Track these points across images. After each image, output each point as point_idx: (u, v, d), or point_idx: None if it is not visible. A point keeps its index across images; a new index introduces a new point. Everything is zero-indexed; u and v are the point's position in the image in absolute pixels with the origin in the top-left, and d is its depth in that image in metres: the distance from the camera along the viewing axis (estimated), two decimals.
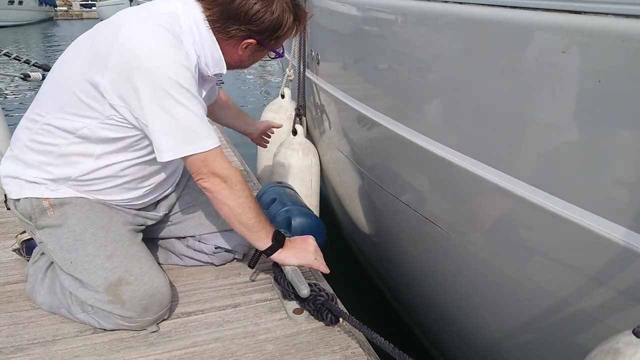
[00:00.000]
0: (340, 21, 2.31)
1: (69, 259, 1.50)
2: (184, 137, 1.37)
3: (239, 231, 1.54)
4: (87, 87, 1.37)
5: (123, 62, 1.32)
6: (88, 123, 1.42)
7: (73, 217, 1.52)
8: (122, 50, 1.32)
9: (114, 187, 1.57)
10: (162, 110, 1.34)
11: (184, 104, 1.34)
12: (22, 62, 3.51)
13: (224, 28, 1.45)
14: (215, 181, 1.44)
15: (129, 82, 1.32)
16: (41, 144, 1.48)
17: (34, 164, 1.51)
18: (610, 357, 0.70)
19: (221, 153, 1.45)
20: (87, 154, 1.48)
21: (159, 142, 1.38)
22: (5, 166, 1.57)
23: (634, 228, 0.95)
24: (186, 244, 1.87)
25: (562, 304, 1.15)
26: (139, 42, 1.32)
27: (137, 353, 1.43)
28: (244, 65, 1.60)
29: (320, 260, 1.65)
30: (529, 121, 1.16)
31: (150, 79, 1.31)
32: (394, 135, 1.73)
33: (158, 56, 1.32)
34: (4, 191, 1.58)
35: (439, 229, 1.57)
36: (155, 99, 1.32)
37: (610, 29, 0.96)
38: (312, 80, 2.85)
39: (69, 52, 1.47)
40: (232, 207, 1.47)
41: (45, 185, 1.52)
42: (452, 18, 1.41)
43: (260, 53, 1.56)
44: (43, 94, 1.50)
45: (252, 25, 1.44)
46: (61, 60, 1.49)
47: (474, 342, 1.59)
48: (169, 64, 1.33)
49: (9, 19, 24.09)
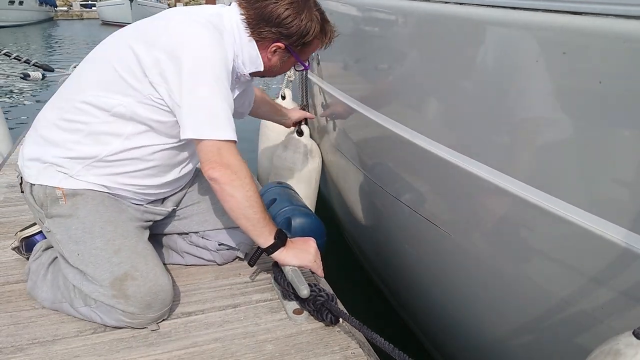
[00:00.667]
0: (340, 21, 2.31)
1: (76, 251, 1.51)
2: (209, 121, 1.45)
3: (243, 226, 1.55)
4: (130, 65, 1.47)
5: (172, 46, 1.43)
6: (124, 101, 1.50)
7: (84, 208, 1.54)
8: (172, 35, 1.46)
9: (137, 172, 1.61)
10: (197, 93, 1.44)
11: (217, 94, 1.45)
12: (22, 61, 3.52)
13: (257, 29, 1.59)
14: (225, 172, 1.47)
15: (173, 63, 1.42)
16: (71, 122, 1.54)
17: (59, 142, 1.54)
18: (610, 358, 0.70)
19: (236, 148, 1.51)
20: (117, 134, 1.54)
21: (185, 120, 1.46)
22: (27, 148, 1.61)
23: (634, 229, 0.95)
24: (189, 241, 1.88)
25: (562, 304, 1.15)
26: (189, 33, 1.46)
27: (137, 353, 1.43)
28: (272, 72, 1.72)
29: (318, 263, 1.67)
30: (529, 122, 1.16)
31: (193, 65, 1.42)
32: (394, 136, 1.73)
33: (204, 47, 1.45)
34: (22, 174, 1.60)
35: (439, 229, 1.57)
36: (194, 83, 1.43)
37: (611, 30, 0.96)
38: (313, 81, 2.85)
39: (111, 38, 1.60)
40: (239, 200, 1.49)
41: (63, 173, 1.54)
42: (452, 19, 1.41)
43: (287, 60, 1.69)
44: (78, 75, 1.61)
45: (282, 29, 1.58)
46: (100, 46, 1.61)
47: (474, 342, 1.59)
48: (213, 56, 1.45)
49: (9, 19, 24.12)
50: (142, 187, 1.65)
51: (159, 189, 1.72)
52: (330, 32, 1.70)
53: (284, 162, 2.86)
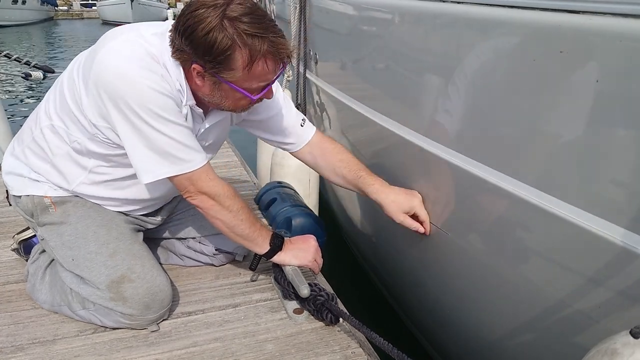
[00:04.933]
0: (337, 20, 2.31)
1: (70, 256, 1.51)
2: (163, 160, 1.36)
3: (235, 241, 1.57)
4: (76, 99, 1.39)
5: (97, 85, 1.30)
6: (78, 137, 1.44)
7: (75, 214, 1.54)
8: (97, 73, 1.29)
9: (112, 199, 1.58)
10: (136, 134, 1.32)
11: (158, 129, 1.32)
12: (23, 63, 3.52)
13: (174, 45, 1.30)
14: (203, 199, 1.45)
15: (105, 105, 1.31)
16: (40, 149, 1.51)
17: (34, 166, 1.54)
18: (607, 357, 0.70)
19: (207, 170, 1.43)
20: (82, 166, 1.50)
21: (137, 164, 1.38)
22: (8, 162, 1.59)
23: (632, 228, 0.95)
24: (187, 245, 1.87)
25: (560, 304, 1.15)
26: (111, 66, 1.28)
27: (137, 353, 1.43)
28: (215, 103, 1.40)
29: (319, 261, 1.68)
30: (526, 121, 1.16)
31: (121, 104, 1.28)
32: (391, 135, 1.73)
33: (128, 81, 1.27)
34: (7, 187, 1.59)
35: (436, 228, 1.57)
36: (128, 123, 1.31)
37: (609, 28, 0.96)
38: (310, 80, 2.85)
39: (74, 62, 1.47)
40: (224, 221, 1.49)
41: (48, 185, 1.54)
42: (450, 17, 1.41)
43: (222, 88, 1.33)
44: (48, 97, 1.53)
45: (187, 41, 1.25)
46: (67, 70, 1.49)
47: (472, 341, 1.59)
48: (139, 88, 1.27)
49: (12, 19, 24.22)
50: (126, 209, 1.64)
51: (144, 210, 1.70)
52: (273, 49, 1.27)
53: (281, 160, 2.87)
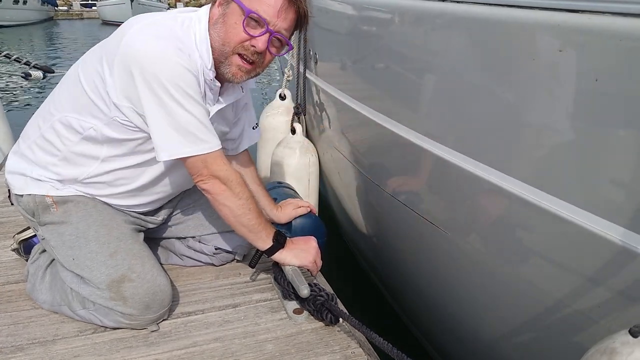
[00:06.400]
0: (337, 20, 2.31)
1: (71, 256, 1.51)
2: (183, 138, 1.38)
3: (239, 232, 1.55)
4: (97, 85, 1.41)
5: (126, 62, 1.34)
6: (94, 123, 1.45)
7: (76, 214, 1.54)
8: (126, 52, 1.34)
9: (119, 194, 1.58)
10: (162, 110, 1.35)
11: (184, 106, 1.35)
12: (23, 63, 3.52)
13: None
14: (215, 183, 1.45)
15: (132, 81, 1.34)
16: (48, 143, 1.51)
17: (41, 163, 1.54)
18: (606, 356, 0.70)
19: (222, 155, 1.46)
20: (93, 157, 1.50)
21: (157, 141, 1.39)
22: (12, 161, 1.60)
23: (631, 227, 0.95)
24: (186, 245, 1.87)
25: (559, 303, 1.15)
26: (142, 44, 1.33)
27: (137, 353, 1.43)
28: (217, 49, 1.43)
29: (318, 263, 1.67)
30: (525, 120, 1.16)
31: (152, 80, 1.32)
32: (391, 134, 1.73)
33: (159, 58, 1.33)
34: (8, 186, 1.60)
35: (436, 228, 1.57)
36: (156, 99, 1.34)
37: (607, 27, 0.96)
38: (310, 79, 2.85)
39: (87, 53, 1.51)
40: (232, 209, 1.48)
41: (51, 184, 1.54)
42: (449, 17, 1.41)
43: (230, 12, 1.40)
44: (57, 91, 1.54)
45: None
46: (79, 61, 1.52)
47: (472, 341, 1.59)
48: (170, 65, 1.33)
49: (13, 19, 24.27)
50: (127, 207, 1.64)
51: (147, 207, 1.70)
52: None
53: (280, 160, 2.87)
